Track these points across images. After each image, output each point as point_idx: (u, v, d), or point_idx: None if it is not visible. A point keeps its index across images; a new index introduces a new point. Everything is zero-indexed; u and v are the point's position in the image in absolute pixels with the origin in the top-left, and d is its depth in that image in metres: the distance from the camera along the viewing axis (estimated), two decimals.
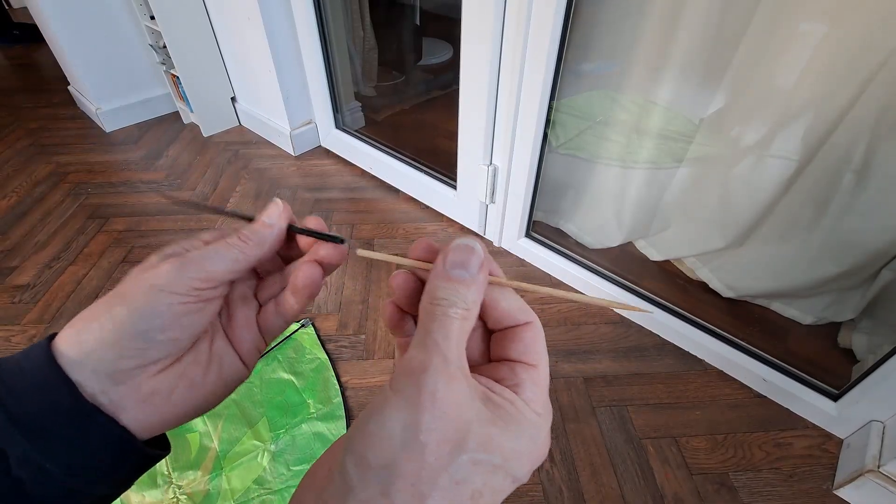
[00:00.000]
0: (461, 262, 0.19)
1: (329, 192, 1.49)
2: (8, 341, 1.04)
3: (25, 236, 1.32)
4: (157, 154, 1.68)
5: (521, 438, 0.18)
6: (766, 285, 1.04)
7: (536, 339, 0.21)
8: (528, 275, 1.19)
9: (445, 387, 0.17)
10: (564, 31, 0.88)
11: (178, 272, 0.21)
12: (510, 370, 0.20)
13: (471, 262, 0.19)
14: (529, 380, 0.20)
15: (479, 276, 0.20)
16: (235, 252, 0.23)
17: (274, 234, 0.24)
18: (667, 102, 1.00)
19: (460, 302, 0.19)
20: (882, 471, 0.74)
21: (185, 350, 0.23)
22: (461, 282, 0.19)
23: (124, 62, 1.73)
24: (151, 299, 0.21)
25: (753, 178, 0.96)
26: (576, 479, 0.82)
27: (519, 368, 0.20)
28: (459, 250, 0.20)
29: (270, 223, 0.24)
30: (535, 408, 0.19)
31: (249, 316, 0.26)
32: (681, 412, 0.91)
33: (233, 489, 0.80)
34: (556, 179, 1.17)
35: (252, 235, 0.24)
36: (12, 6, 2.94)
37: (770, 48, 0.83)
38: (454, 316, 0.18)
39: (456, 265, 0.19)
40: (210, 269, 0.22)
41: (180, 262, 0.21)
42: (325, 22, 1.39)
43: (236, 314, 0.25)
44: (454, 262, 0.19)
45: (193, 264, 0.22)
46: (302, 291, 0.25)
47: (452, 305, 0.19)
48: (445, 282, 0.19)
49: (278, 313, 0.26)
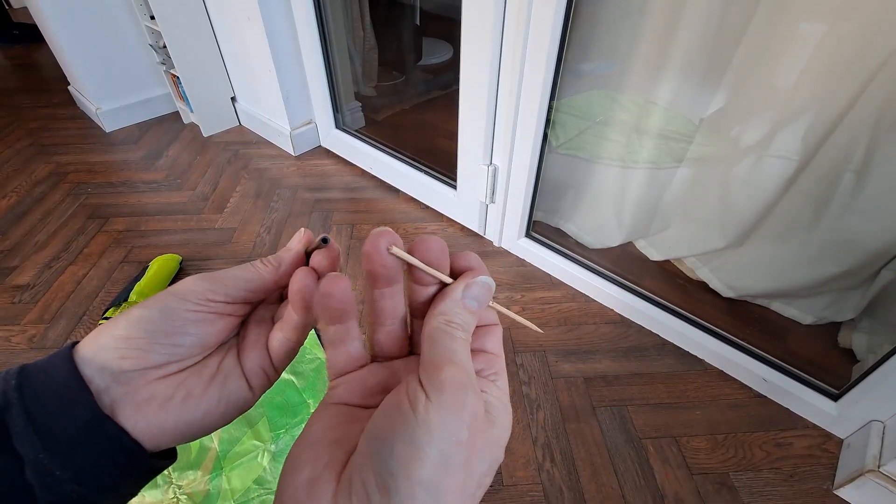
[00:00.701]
0: (479, 297, 0.22)
1: (329, 192, 1.49)
2: (8, 341, 1.04)
3: (25, 236, 1.32)
4: (157, 154, 1.68)
5: (498, 426, 0.20)
6: (766, 285, 1.04)
7: (495, 336, 0.24)
8: (528, 275, 1.19)
9: (476, 405, 0.18)
10: (564, 31, 0.88)
11: (196, 282, 0.23)
12: (487, 361, 0.22)
13: (485, 299, 0.22)
14: (502, 369, 0.22)
15: (481, 310, 0.22)
16: (252, 272, 0.24)
17: (291, 256, 0.25)
18: (667, 102, 1.00)
19: (468, 328, 0.21)
20: (882, 471, 0.74)
21: (187, 359, 0.23)
22: (473, 312, 0.22)
23: (124, 62, 1.73)
24: (163, 303, 0.22)
25: (753, 178, 0.96)
26: (576, 479, 0.82)
27: (494, 360, 0.22)
28: (481, 287, 0.22)
29: (289, 248, 0.26)
30: (503, 397, 0.21)
31: (260, 335, 0.26)
32: (681, 412, 0.91)
33: (233, 489, 0.80)
34: (556, 179, 1.17)
35: (272, 259, 0.25)
36: (12, 6, 2.94)
37: (770, 48, 0.83)
38: (462, 338, 0.21)
39: (474, 298, 0.22)
40: (227, 284, 0.23)
41: (202, 275, 0.23)
42: (325, 22, 1.39)
43: (249, 334, 0.26)
44: (473, 295, 0.22)
45: (215, 278, 0.23)
46: (294, 297, 0.24)
47: (463, 330, 0.21)
48: (462, 309, 0.21)
49: (280, 328, 0.26)
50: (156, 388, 0.22)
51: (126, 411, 0.21)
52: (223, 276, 0.23)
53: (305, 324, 0.25)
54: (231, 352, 0.25)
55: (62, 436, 0.19)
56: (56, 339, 1.05)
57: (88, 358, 0.21)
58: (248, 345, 0.25)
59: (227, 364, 0.24)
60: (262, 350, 0.25)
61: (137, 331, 0.21)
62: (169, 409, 0.22)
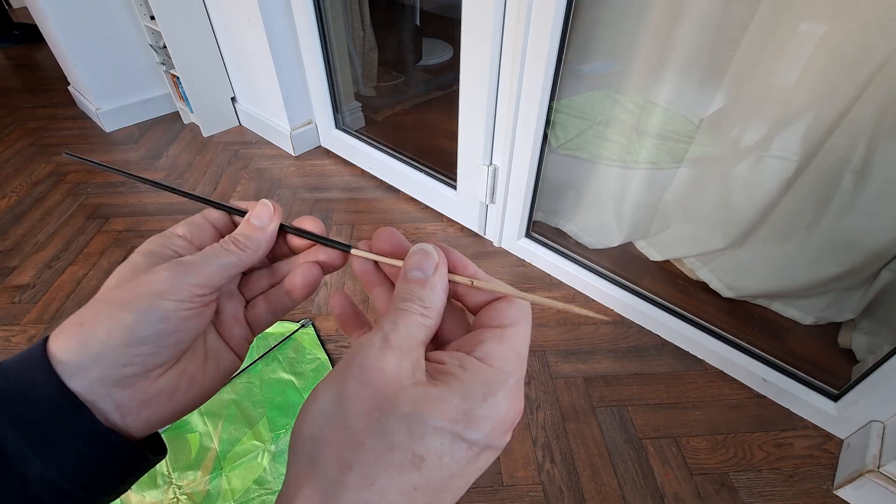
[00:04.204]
0: (417, 265, 0.21)
1: (329, 192, 1.49)
2: (8, 341, 1.04)
3: (25, 236, 1.32)
4: (157, 154, 1.68)
5: (471, 398, 0.17)
6: (766, 285, 1.04)
7: (510, 306, 0.21)
8: (527, 275, 1.19)
9: (375, 359, 0.18)
10: (564, 30, 0.88)
11: (179, 279, 0.21)
12: (473, 336, 0.20)
13: (425, 265, 0.21)
14: (492, 338, 0.20)
15: (434, 276, 0.21)
16: (233, 258, 0.23)
17: (268, 237, 0.24)
18: (667, 102, 1.00)
19: (415, 299, 0.20)
20: (882, 471, 0.74)
21: (186, 350, 0.23)
22: (417, 282, 0.21)
23: (124, 62, 1.73)
24: (156, 307, 0.21)
25: (753, 178, 0.96)
26: (576, 479, 0.82)
27: (484, 332, 0.20)
28: (415, 255, 0.22)
29: (262, 226, 0.24)
30: (493, 362, 0.18)
31: (237, 311, 0.26)
32: (681, 412, 0.91)
33: (233, 489, 0.80)
34: (557, 179, 1.17)
35: (249, 242, 0.24)
36: (12, 6, 2.94)
37: (770, 48, 0.83)
38: (408, 310, 0.20)
39: (413, 268, 0.21)
40: (209, 274, 0.22)
41: (179, 269, 0.22)
42: (325, 22, 1.39)
43: (223, 310, 0.26)
44: (411, 265, 0.21)
45: (194, 271, 0.22)
46: (301, 291, 0.26)
47: (408, 301, 0.20)
48: (404, 283, 0.21)
49: (270, 310, 0.27)
50: (161, 384, 0.22)
51: (132, 412, 0.21)
52: (202, 267, 0.22)
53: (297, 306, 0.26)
54: (210, 329, 0.25)
55: (68, 454, 0.19)
56: None
57: (78, 368, 0.19)
58: (226, 320, 0.25)
59: (211, 341, 0.25)
60: (242, 325, 0.26)
61: (138, 338, 0.20)
62: (175, 399, 0.22)
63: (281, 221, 0.25)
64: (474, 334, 0.21)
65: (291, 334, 1.03)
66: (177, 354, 0.22)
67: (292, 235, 0.26)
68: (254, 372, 0.96)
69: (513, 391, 0.18)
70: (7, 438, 0.18)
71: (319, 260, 0.26)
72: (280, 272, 0.27)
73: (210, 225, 0.25)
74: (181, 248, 0.24)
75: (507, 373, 0.18)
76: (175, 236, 0.24)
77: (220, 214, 0.26)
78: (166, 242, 0.23)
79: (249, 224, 0.24)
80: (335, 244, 0.25)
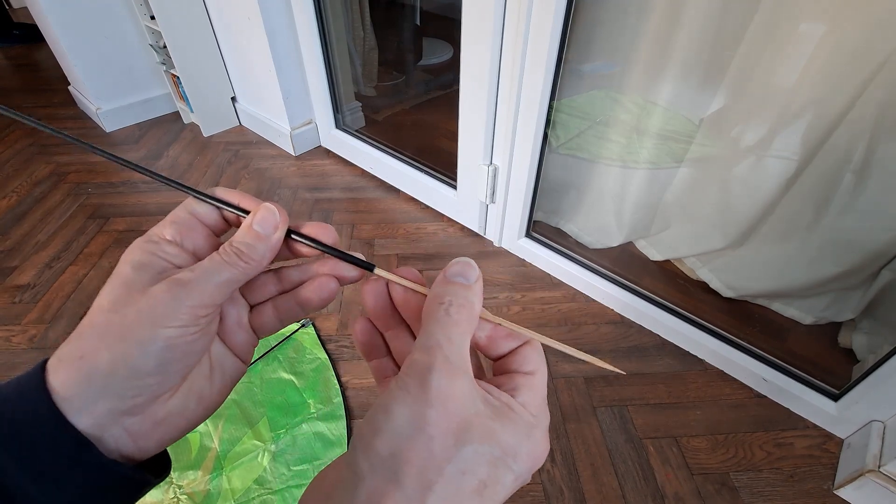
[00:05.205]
0: (460, 272, 0.21)
1: (329, 192, 1.49)
2: (8, 341, 1.04)
3: (25, 236, 1.32)
4: (157, 154, 1.68)
5: (518, 436, 0.19)
6: (766, 285, 1.04)
7: (534, 352, 0.22)
8: (528, 275, 1.19)
9: (448, 384, 0.18)
10: (564, 31, 0.88)
11: (179, 302, 0.20)
12: (508, 378, 0.21)
13: (469, 273, 0.21)
14: (525, 385, 0.21)
15: (476, 284, 0.21)
16: (236, 272, 0.21)
17: (272, 247, 0.22)
18: (667, 102, 1.00)
19: (461, 300, 0.20)
20: (882, 471, 0.74)
21: (192, 368, 0.23)
22: (460, 285, 0.21)
23: (124, 62, 1.73)
24: (158, 336, 0.20)
25: (753, 178, 0.96)
26: (576, 479, 0.82)
27: (516, 376, 0.21)
28: (459, 264, 0.22)
29: (266, 234, 0.22)
30: (531, 409, 0.20)
31: (241, 316, 0.25)
32: (681, 412, 0.91)
33: (233, 489, 0.80)
34: (557, 179, 1.17)
35: (252, 253, 0.22)
36: (12, 6, 2.94)
37: (770, 48, 0.83)
38: (455, 315, 0.20)
39: (456, 274, 0.21)
40: (211, 293, 0.21)
41: (178, 290, 0.20)
42: (325, 22, 1.39)
43: (227, 316, 0.24)
44: (454, 272, 0.21)
45: (195, 290, 0.20)
46: (316, 304, 0.25)
47: (453, 304, 0.20)
48: (446, 285, 0.21)
49: (278, 318, 0.25)
50: (171, 404, 0.21)
51: (143, 436, 0.21)
52: (203, 286, 0.20)
53: None
54: (214, 339, 0.24)
55: (70, 488, 0.19)
56: (56, 339, 1.05)
57: (84, 404, 0.19)
58: (229, 327, 0.24)
59: (215, 351, 0.24)
60: (246, 331, 0.25)
61: (143, 371, 0.20)
62: (185, 416, 0.22)
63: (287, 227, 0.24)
64: (508, 377, 0.22)
65: (292, 334, 1.03)
66: (185, 375, 0.22)
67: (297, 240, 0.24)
68: (254, 372, 0.96)
69: (546, 435, 0.21)
70: (7, 473, 0.17)
71: (336, 274, 0.25)
72: (289, 279, 0.26)
73: (198, 221, 0.23)
74: (173, 256, 0.22)
75: (541, 421, 0.21)
76: (164, 241, 0.22)
77: (206, 207, 0.24)
78: (156, 250, 0.21)
79: (252, 231, 0.22)
80: (355, 261, 0.24)
